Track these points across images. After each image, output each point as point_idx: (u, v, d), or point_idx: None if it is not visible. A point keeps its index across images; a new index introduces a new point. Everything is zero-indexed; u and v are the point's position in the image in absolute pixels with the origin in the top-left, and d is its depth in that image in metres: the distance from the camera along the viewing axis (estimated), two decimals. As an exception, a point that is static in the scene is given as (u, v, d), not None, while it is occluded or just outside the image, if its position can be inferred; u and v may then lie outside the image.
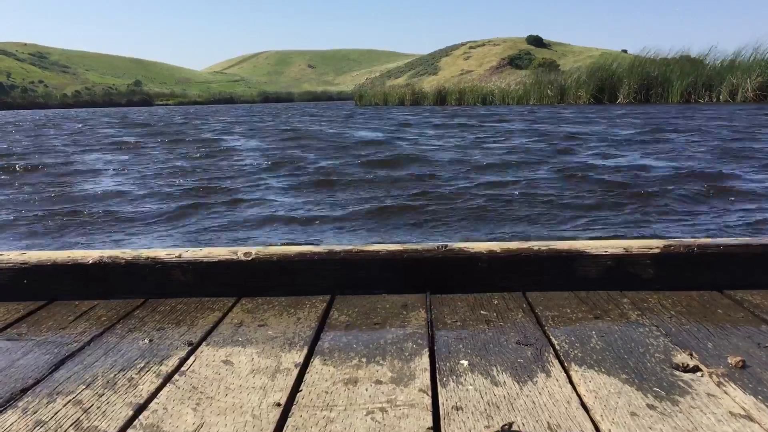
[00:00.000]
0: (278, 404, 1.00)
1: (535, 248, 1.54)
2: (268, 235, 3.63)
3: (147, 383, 1.10)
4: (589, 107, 19.83)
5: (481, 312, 1.42)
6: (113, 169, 7.06)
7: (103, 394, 1.05)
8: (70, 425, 0.95)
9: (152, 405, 1.02)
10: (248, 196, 4.96)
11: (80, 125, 19.79)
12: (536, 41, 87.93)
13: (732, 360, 1.12)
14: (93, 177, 6.51)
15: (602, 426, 0.92)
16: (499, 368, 1.13)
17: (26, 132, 16.13)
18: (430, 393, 1.03)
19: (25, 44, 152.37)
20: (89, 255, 1.57)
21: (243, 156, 8.27)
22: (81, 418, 0.97)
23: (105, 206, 4.66)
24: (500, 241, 1.68)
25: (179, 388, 1.08)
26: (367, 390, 1.05)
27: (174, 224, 3.99)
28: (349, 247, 1.57)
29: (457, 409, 0.98)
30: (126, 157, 8.50)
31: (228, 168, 6.85)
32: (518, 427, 0.92)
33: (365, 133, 11.84)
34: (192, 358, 1.20)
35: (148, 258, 1.55)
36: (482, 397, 1.01)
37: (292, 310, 1.46)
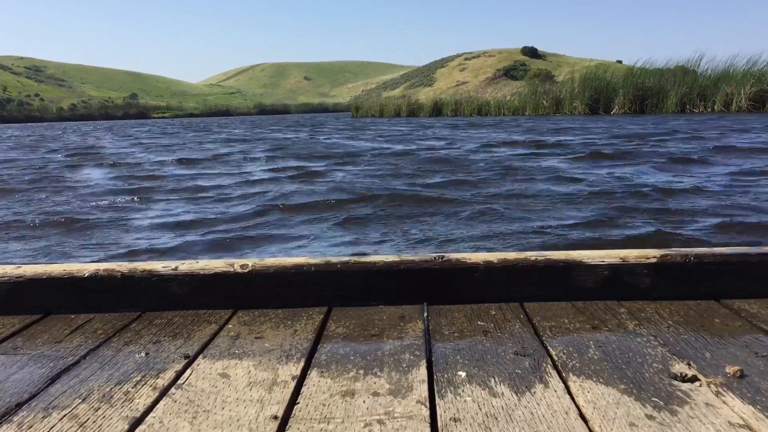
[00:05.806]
0: (275, 417, 1.00)
1: (532, 259, 1.54)
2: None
3: (143, 397, 1.09)
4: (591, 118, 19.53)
5: (479, 323, 1.42)
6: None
7: (99, 408, 1.05)
8: (66, 440, 0.95)
9: (148, 419, 1.01)
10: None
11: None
12: (531, 52, 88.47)
13: (730, 369, 1.12)
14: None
15: (601, 437, 0.92)
16: (497, 379, 1.12)
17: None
18: (428, 405, 1.03)
19: (22, 58, 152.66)
20: (85, 268, 1.56)
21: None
22: (76, 433, 0.96)
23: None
24: (498, 251, 1.68)
25: (176, 401, 1.07)
26: (364, 402, 1.05)
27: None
28: (346, 259, 1.56)
29: (456, 420, 0.97)
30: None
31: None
32: (517, 438, 0.92)
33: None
34: (188, 371, 1.20)
35: (144, 271, 1.55)
36: (480, 409, 1.01)
37: (289, 322, 1.45)
